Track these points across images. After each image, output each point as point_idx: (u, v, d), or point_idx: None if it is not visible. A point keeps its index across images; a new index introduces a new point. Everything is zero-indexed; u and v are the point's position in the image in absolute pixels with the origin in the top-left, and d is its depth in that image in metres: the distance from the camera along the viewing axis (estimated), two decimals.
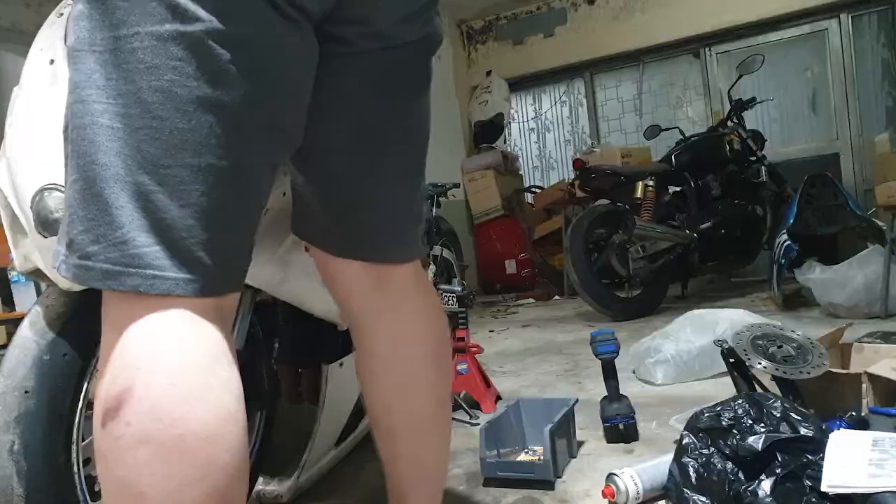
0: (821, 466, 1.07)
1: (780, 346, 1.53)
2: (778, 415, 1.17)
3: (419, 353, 0.91)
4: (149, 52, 0.61)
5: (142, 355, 0.61)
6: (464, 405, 2.07)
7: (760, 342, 1.54)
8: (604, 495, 1.33)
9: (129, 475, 0.59)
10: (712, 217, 3.92)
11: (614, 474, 1.33)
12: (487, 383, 2.22)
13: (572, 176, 4.72)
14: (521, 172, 6.33)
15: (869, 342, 1.79)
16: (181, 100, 0.62)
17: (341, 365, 1.53)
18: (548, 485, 1.47)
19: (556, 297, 5.13)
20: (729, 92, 4.33)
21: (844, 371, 1.62)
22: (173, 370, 0.61)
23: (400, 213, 0.88)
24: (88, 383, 1.00)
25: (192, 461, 0.60)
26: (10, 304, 2.83)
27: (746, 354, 1.50)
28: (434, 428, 0.96)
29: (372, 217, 0.86)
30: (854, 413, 1.34)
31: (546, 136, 6.46)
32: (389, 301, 0.89)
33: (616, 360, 1.79)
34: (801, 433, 1.13)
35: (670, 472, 1.23)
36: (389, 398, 0.92)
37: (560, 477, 1.51)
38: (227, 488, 0.62)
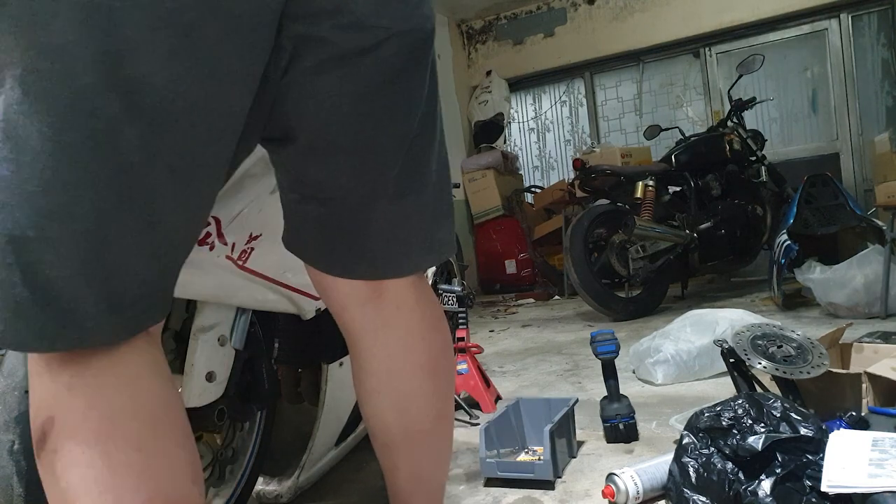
0: (821, 466, 1.07)
1: (780, 346, 1.53)
2: (778, 415, 1.17)
3: (416, 370, 0.87)
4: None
5: (59, 387, 0.60)
6: (464, 405, 2.07)
7: (760, 342, 1.54)
8: (604, 495, 1.34)
9: (67, 498, 0.59)
10: (712, 217, 3.92)
11: (614, 474, 1.33)
12: (487, 383, 2.22)
13: (572, 176, 4.73)
14: (521, 172, 6.34)
15: (869, 342, 1.79)
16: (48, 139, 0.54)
17: (341, 365, 1.53)
18: (548, 485, 1.47)
19: (556, 297, 5.13)
20: (729, 92, 4.33)
21: (844, 371, 1.62)
22: (91, 393, 0.60)
23: (402, 226, 0.80)
24: None
25: (125, 473, 0.59)
26: None
27: (746, 354, 1.50)
28: (433, 441, 0.93)
29: (364, 234, 0.78)
30: (854, 413, 1.35)
31: (546, 136, 6.46)
32: (385, 315, 0.84)
33: (616, 360, 1.79)
34: (801, 433, 1.13)
35: (670, 472, 1.23)
36: (386, 415, 0.89)
37: (560, 477, 1.51)
38: (173, 489, 0.62)
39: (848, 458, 1.06)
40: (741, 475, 1.13)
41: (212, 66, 0.59)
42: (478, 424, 1.93)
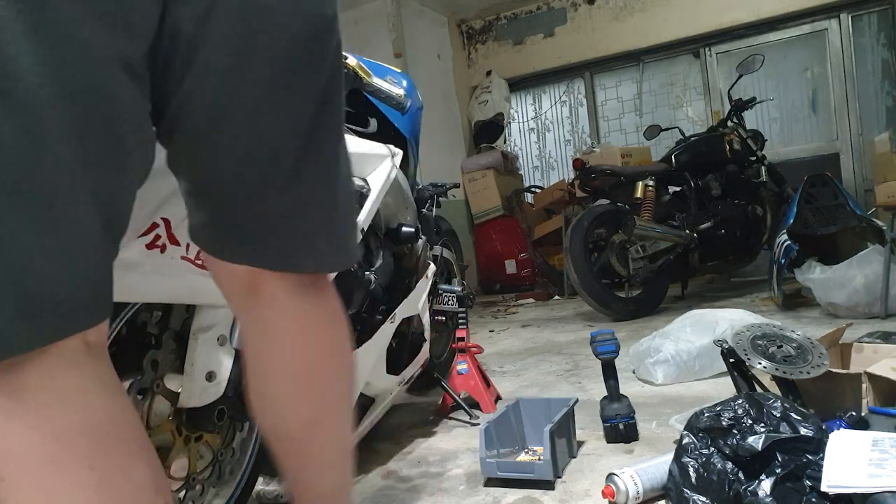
0: (821, 466, 1.07)
1: (780, 346, 1.53)
2: (778, 415, 1.17)
3: (287, 372, 0.82)
4: None
5: None
6: (464, 405, 2.07)
7: (760, 342, 1.54)
8: (604, 495, 1.34)
9: None
10: (712, 217, 3.92)
11: (614, 474, 1.33)
12: (487, 383, 2.22)
13: (572, 176, 4.72)
14: (521, 172, 6.34)
15: (869, 342, 1.79)
16: None
17: None
18: (548, 485, 1.47)
19: (556, 297, 5.13)
20: (729, 92, 4.34)
21: (844, 371, 1.62)
22: (31, 415, 0.56)
23: (301, 217, 0.75)
24: None
25: (79, 493, 0.57)
26: None
27: (746, 354, 1.51)
28: (308, 449, 0.88)
29: (261, 223, 0.74)
30: (854, 413, 1.35)
31: (546, 136, 6.46)
32: (259, 309, 0.79)
33: (616, 360, 1.79)
34: (801, 433, 1.13)
35: (670, 472, 1.23)
36: (262, 415, 0.86)
37: (560, 477, 1.51)
38: (136, 501, 0.60)
39: (848, 458, 1.06)
40: (741, 475, 1.13)
41: (78, 48, 0.55)
42: (478, 424, 1.93)
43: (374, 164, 1.55)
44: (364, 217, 1.47)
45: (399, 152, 1.64)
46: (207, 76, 0.65)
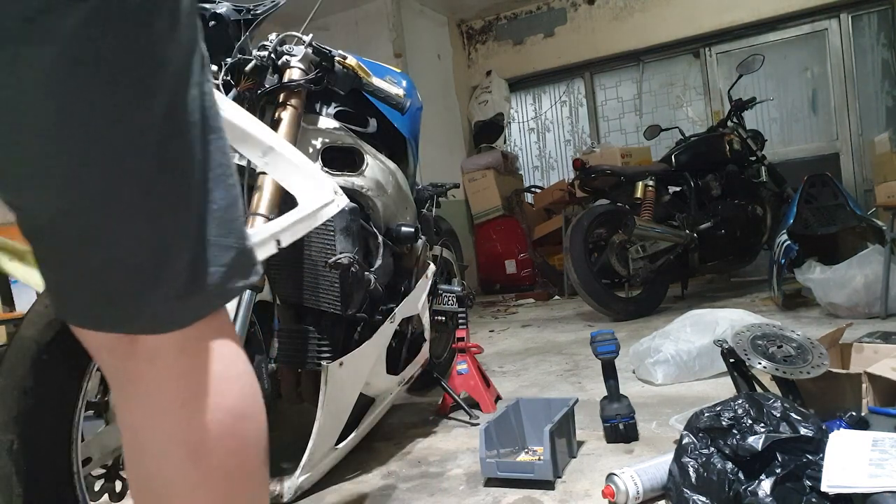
0: (821, 466, 1.07)
1: (780, 346, 1.53)
2: (778, 415, 1.17)
3: (171, 446, 0.60)
4: None
5: None
6: (464, 405, 2.07)
7: (760, 342, 1.54)
8: (604, 495, 1.33)
9: None
10: (712, 217, 3.93)
11: (614, 474, 1.33)
12: (487, 383, 2.22)
13: (572, 176, 4.73)
14: (521, 172, 6.34)
15: (869, 342, 1.79)
16: None
17: (341, 365, 1.53)
18: (548, 485, 1.47)
19: (556, 297, 5.14)
20: (729, 92, 4.34)
21: (844, 371, 1.62)
22: None
23: (151, 261, 0.56)
24: (87, 383, 1.00)
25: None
26: (9, 304, 2.83)
27: (746, 354, 1.51)
28: None
29: (103, 273, 0.55)
30: (854, 413, 1.34)
31: (546, 136, 6.46)
32: (134, 367, 0.60)
33: (616, 360, 1.79)
34: (801, 433, 1.13)
35: (670, 472, 1.23)
36: (137, 500, 0.62)
37: (560, 477, 1.51)
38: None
39: (848, 458, 1.06)
40: (741, 475, 1.13)
41: None
42: (478, 424, 1.93)
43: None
44: (282, 228, 1.16)
45: (343, 201, 1.34)
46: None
